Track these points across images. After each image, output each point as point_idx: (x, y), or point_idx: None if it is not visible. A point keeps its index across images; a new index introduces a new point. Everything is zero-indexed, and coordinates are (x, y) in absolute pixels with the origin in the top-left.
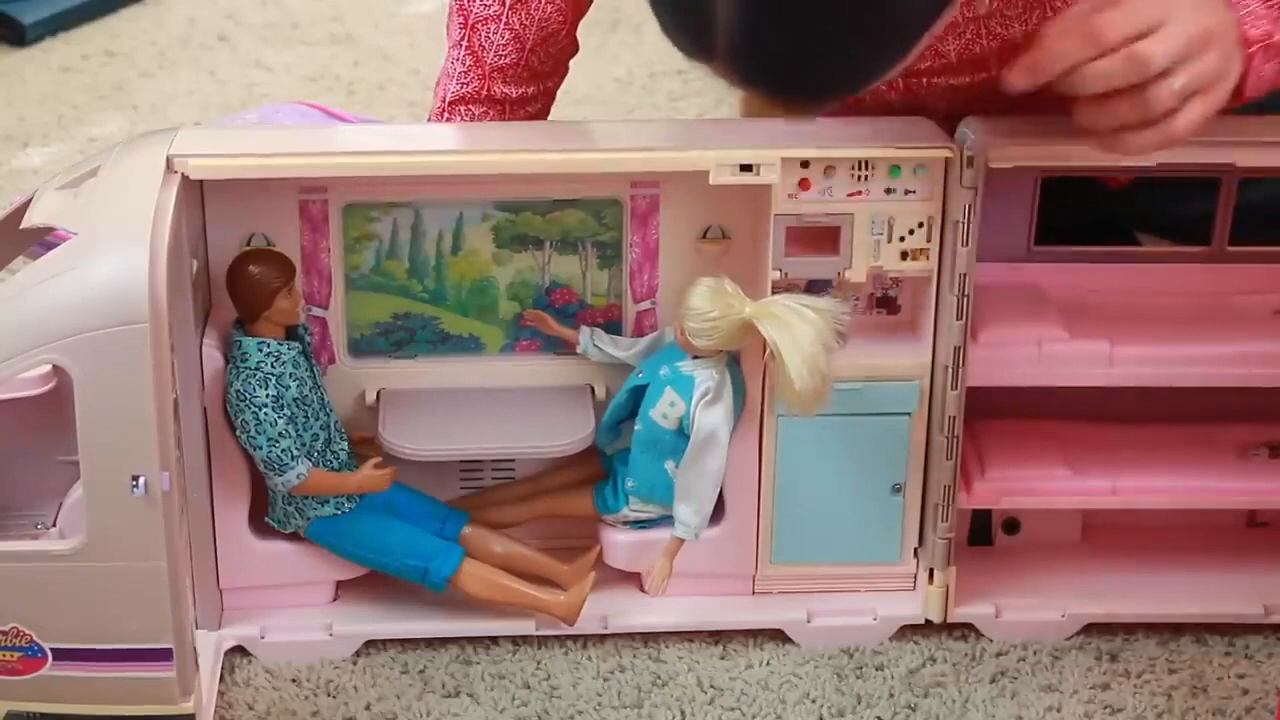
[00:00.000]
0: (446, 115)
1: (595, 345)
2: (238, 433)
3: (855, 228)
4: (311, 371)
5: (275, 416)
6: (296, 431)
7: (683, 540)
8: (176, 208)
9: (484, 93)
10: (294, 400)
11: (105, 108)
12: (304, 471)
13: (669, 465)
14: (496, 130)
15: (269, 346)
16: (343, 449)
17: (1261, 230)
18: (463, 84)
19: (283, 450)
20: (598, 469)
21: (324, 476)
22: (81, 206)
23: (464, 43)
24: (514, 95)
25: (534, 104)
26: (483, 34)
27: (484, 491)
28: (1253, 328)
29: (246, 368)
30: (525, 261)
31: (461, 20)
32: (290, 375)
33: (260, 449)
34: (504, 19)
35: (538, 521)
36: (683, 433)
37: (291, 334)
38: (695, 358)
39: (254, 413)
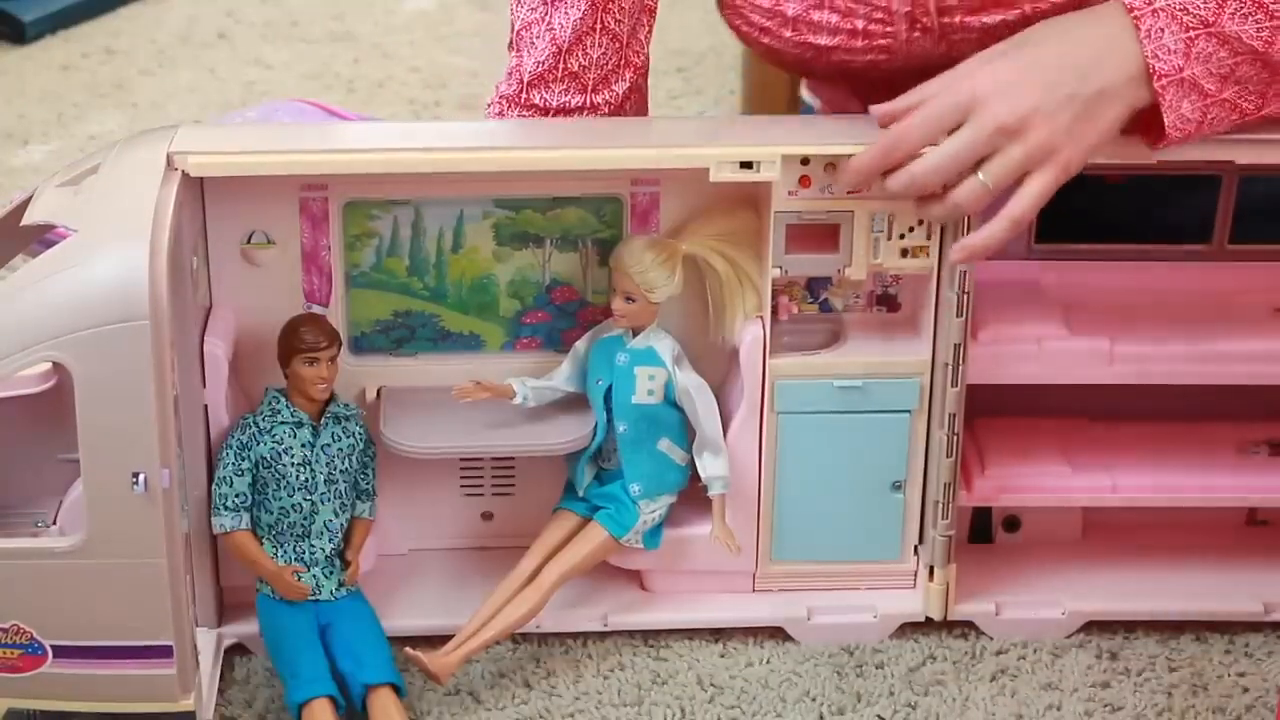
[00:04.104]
0: (496, 109)
1: (531, 389)
2: None
3: (855, 225)
4: (321, 455)
5: (231, 459)
6: (250, 490)
7: (723, 495)
8: (177, 205)
9: (523, 97)
10: (260, 460)
11: (105, 105)
12: (227, 525)
13: (663, 444)
14: (496, 128)
15: (277, 403)
16: (321, 550)
17: (1262, 229)
18: (508, 84)
19: (220, 494)
20: (581, 519)
21: (247, 544)
22: (81, 204)
23: (511, 45)
24: (554, 104)
25: (578, 115)
26: (526, 39)
27: (489, 598)
28: (1253, 327)
29: (259, 407)
30: (526, 259)
31: (511, 20)
32: (270, 436)
33: (214, 481)
34: (546, 20)
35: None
36: (669, 401)
37: (326, 414)
38: (636, 334)
39: (224, 445)
